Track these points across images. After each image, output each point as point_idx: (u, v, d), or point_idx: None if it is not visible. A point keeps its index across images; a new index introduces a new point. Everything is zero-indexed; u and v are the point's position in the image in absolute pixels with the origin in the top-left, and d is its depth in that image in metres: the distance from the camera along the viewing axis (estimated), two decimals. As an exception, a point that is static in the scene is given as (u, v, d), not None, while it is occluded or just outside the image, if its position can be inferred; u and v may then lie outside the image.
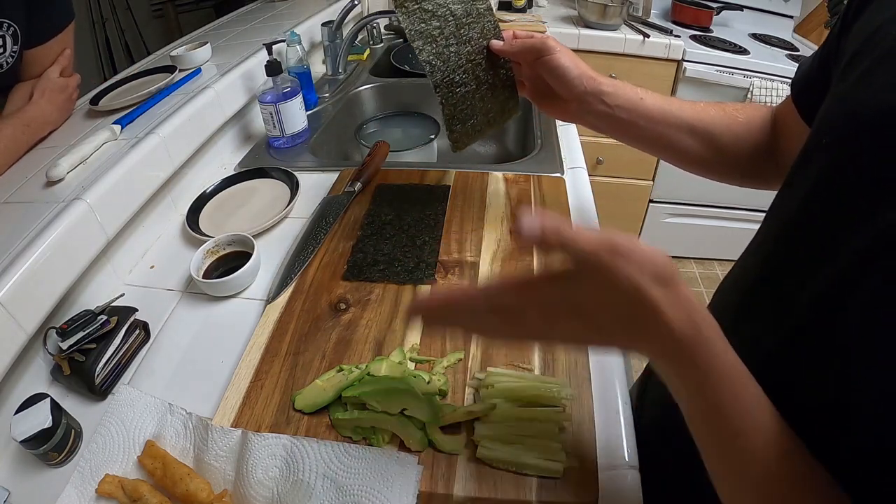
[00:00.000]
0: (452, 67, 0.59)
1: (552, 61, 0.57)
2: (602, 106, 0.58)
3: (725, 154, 0.57)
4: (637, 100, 0.57)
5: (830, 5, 1.83)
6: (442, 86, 0.59)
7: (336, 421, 0.49)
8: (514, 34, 0.61)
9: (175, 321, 0.65)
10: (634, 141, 0.61)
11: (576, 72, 0.57)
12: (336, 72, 1.25)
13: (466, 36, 0.59)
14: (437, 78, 0.58)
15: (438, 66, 0.58)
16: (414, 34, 0.57)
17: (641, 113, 0.57)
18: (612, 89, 0.57)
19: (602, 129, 0.61)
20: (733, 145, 0.56)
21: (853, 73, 0.36)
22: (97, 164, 0.70)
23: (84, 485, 0.47)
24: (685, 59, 1.71)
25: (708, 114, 0.57)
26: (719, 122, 0.57)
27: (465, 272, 0.65)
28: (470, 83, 0.61)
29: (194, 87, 0.90)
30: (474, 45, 0.60)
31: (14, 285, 0.52)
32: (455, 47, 0.59)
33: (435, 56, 0.58)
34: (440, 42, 0.58)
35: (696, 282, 2.13)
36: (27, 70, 0.81)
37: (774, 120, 0.55)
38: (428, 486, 0.44)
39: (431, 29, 0.58)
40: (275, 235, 0.77)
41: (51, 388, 0.58)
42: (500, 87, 0.63)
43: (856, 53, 0.37)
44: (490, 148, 1.25)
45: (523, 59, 0.60)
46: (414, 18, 0.57)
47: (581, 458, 0.46)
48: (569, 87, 0.57)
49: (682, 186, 1.97)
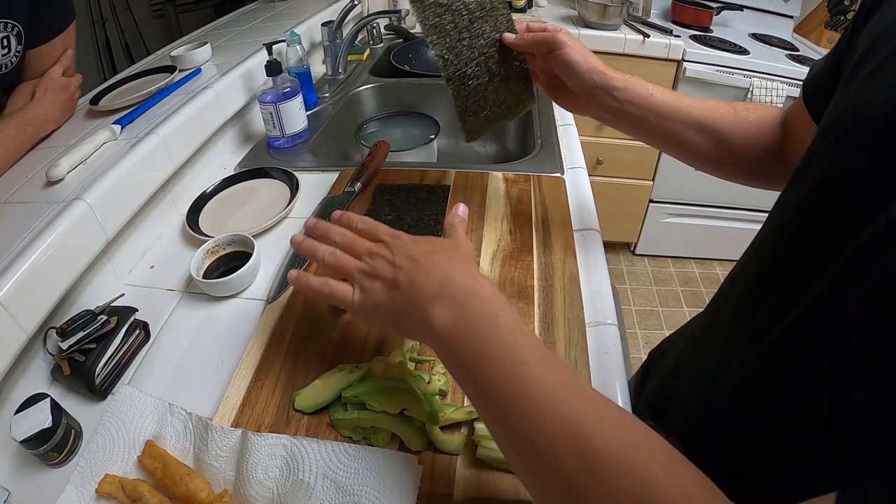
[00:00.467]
0: (465, 61, 0.60)
1: (562, 56, 0.58)
2: (612, 101, 0.58)
3: (734, 153, 0.57)
4: (647, 95, 0.57)
5: (830, 5, 1.83)
6: (454, 79, 0.60)
7: (336, 421, 0.49)
8: (528, 27, 0.62)
9: (175, 321, 0.65)
10: (644, 136, 0.61)
11: (585, 66, 0.57)
12: (336, 72, 1.25)
13: (479, 29, 0.60)
14: (449, 71, 0.59)
15: (451, 60, 0.59)
16: (428, 28, 0.58)
17: (651, 109, 0.57)
18: (622, 84, 0.58)
19: (612, 124, 0.61)
20: (742, 144, 0.56)
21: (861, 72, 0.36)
22: (97, 164, 0.70)
23: (84, 485, 0.47)
24: (685, 59, 1.71)
25: (718, 112, 0.57)
26: (729, 121, 0.57)
27: (465, 272, 0.65)
28: (482, 76, 0.61)
29: (194, 87, 0.90)
30: (487, 39, 0.60)
31: (14, 285, 0.52)
32: (468, 41, 0.59)
33: (447, 50, 0.58)
34: (453, 36, 0.58)
35: (696, 282, 2.13)
36: (29, 70, 0.81)
37: (785, 121, 0.55)
38: (428, 486, 0.44)
39: (445, 23, 0.58)
40: (275, 235, 0.77)
41: (51, 388, 0.58)
42: (513, 78, 0.64)
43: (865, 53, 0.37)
44: (490, 148, 1.25)
45: (536, 51, 0.61)
46: (428, 13, 0.57)
47: (581, 458, 0.46)
48: (579, 81, 0.58)
49: (682, 186, 1.97)
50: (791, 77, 1.66)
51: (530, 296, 0.62)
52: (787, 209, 0.41)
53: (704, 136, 0.57)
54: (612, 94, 0.58)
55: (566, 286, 0.62)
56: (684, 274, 2.17)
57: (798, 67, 1.66)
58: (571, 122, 1.04)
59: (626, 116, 0.59)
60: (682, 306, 2.04)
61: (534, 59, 0.63)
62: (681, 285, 2.12)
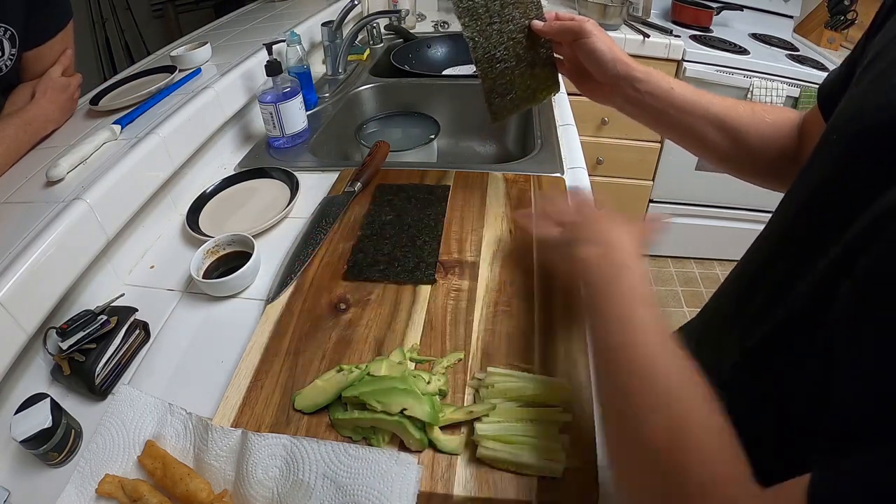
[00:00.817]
0: (494, 44, 0.63)
1: (588, 44, 0.60)
2: (633, 91, 0.60)
3: (751, 152, 0.58)
4: (668, 88, 0.59)
5: (830, 5, 1.83)
6: (483, 61, 0.63)
7: (336, 421, 0.49)
8: (557, 15, 0.64)
9: (175, 321, 0.65)
10: (663, 128, 0.63)
11: (609, 55, 0.60)
12: (336, 72, 1.25)
13: (509, 15, 0.62)
14: (478, 53, 0.62)
15: (480, 43, 0.62)
16: (462, 11, 0.61)
17: (670, 102, 0.59)
18: (643, 76, 0.60)
19: (632, 114, 0.64)
20: (759, 145, 0.57)
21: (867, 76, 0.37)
22: (97, 164, 0.70)
23: (84, 485, 0.47)
24: (685, 59, 1.71)
25: (737, 110, 0.58)
26: (747, 121, 0.57)
27: (465, 272, 0.65)
28: (510, 59, 0.64)
29: (194, 87, 0.90)
30: (516, 24, 0.63)
31: (14, 285, 0.52)
32: (498, 25, 0.62)
33: (478, 33, 0.62)
34: (484, 19, 0.61)
35: (696, 282, 2.13)
36: (29, 71, 0.81)
37: (802, 125, 0.56)
38: (428, 486, 0.44)
39: (477, 7, 0.61)
40: (275, 235, 0.77)
41: (51, 388, 0.58)
42: (539, 64, 0.67)
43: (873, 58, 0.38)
44: (490, 148, 1.25)
45: (562, 39, 0.64)
46: None
47: (581, 458, 0.46)
48: (603, 70, 0.61)
49: (682, 186, 1.97)
50: (791, 77, 1.66)
51: (530, 296, 0.62)
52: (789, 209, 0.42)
53: (722, 134, 0.58)
54: (634, 85, 0.60)
55: (566, 286, 0.62)
56: (684, 274, 2.17)
57: (798, 67, 1.66)
58: (571, 122, 1.04)
59: (647, 108, 0.61)
60: (682, 306, 2.03)
61: (560, 47, 0.66)
62: (681, 285, 2.12)
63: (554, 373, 0.53)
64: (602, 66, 0.60)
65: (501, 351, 0.55)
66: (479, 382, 0.52)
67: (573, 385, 0.51)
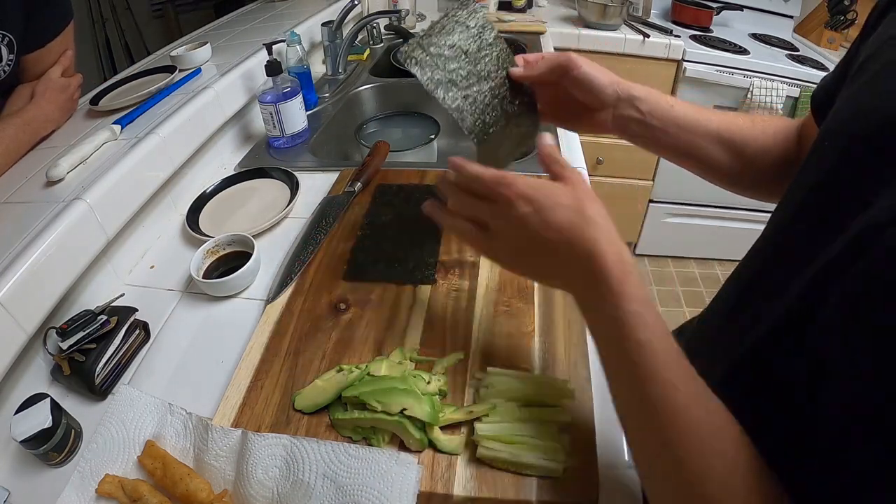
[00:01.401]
0: (481, 108, 0.54)
1: (581, 74, 0.55)
2: (634, 112, 0.57)
3: (752, 164, 0.57)
4: (668, 107, 0.57)
5: (830, 5, 1.83)
6: (475, 131, 0.53)
7: (336, 421, 0.49)
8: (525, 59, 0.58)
9: (175, 321, 0.65)
10: (664, 149, 0.60)
11: (607, 79, 0.56)
12: (336, 72, 1.25)
13: (484, 71, 0.54)
14: (468, 124, 0.53)
15: (468, 111, 0.53)
16: (433, 84, 0.51)
17: (672, 120, 0.57)
18: (644, 95, 0.57)
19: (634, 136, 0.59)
20: (761, 157, 0.56)
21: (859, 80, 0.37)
22: (97, 164, 0.70)
23: (84, 485, 0.47)
24: (685, 59, 1.71)
25: (736, 123, 0.57)
26: (747, 132, 0.56)
27: (465, 272, 0.65)
28: (500, 120, 0.56)
29: (194, 87, 0.90)
30: (494, 79, 0.55)
31: (14, 285, 0.52)
32: (477, 86, 0.53)
33: (462, 100, 0.52)
34: (461, 84, 0.52)
35: (696, 282, 2.13)
36: (29, 73, 0.81)
37: (801, 131, 0.55)
38: (428, 486, 0.44)
39: (448, 73, 0.52)
40: (275, 235, 0.77)
41: (51, 388, 0.58)
42: (525, 114, 0.60)
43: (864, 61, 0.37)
44: (490, 148, 1.25)
45: (550, 78, 0.57)
46: (426, 68, 0.51)
47: (581, 458, 0.46)
48: (602, 95, 0.56)
49: (682, 186, 1.97)
50: (791, 77, 1.66)
51: (530, 296, 0.62)
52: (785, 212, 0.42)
53: (723, 149, 0.57)
54: (635, 105, 0.56)
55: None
56: (684, 274, 2.17)
57: (798, 67, 1.66)
58: (571, 122, 1.04)
59: (649, 128, 0.57)
60: (682, 306, 2.03)
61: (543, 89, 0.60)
62: (681, 285, 2.12)
63: (554, 373, 0.53)
64: (601, 92, 0.56)
65: (501, 351, 0.55)
66: (478, 382, 0.52)
67: (573, 385, 0.51)
